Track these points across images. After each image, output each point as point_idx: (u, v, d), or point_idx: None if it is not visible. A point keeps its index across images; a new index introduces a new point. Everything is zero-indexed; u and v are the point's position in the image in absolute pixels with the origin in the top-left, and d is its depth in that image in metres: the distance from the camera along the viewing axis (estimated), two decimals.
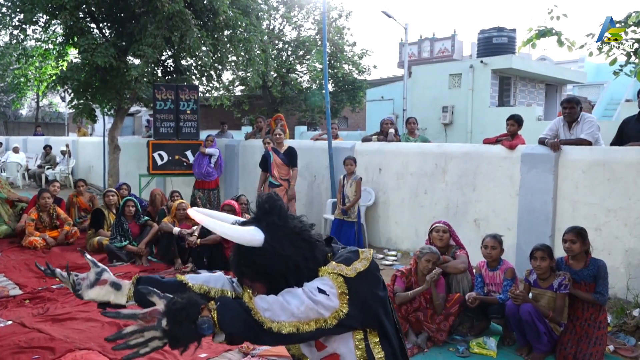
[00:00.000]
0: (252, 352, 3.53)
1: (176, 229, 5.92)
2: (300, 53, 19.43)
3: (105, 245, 6.10)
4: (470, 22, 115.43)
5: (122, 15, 9.57)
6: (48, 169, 13.85)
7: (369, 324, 1.65)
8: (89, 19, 9.62)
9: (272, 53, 16.78)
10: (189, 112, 8.81)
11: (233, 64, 11.05)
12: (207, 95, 12.77)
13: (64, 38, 9.66)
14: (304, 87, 19.78)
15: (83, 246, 6.49)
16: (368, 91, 19.13)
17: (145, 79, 9.28)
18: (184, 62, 10.52)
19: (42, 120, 30.57)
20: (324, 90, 11.50)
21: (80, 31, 9.09)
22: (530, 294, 3.68)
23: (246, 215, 6.24)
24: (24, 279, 5.14)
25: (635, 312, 4.04)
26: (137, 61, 9.18)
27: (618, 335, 3.94)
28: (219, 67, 10.72)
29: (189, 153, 8.67)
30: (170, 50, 9.94)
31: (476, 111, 14.02)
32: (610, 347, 3.67)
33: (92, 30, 9.63)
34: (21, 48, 10.01)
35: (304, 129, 19.10)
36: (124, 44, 9.48)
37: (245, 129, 17.61)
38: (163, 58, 10.39)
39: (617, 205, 4.67)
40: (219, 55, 9.95)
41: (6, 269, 5.51)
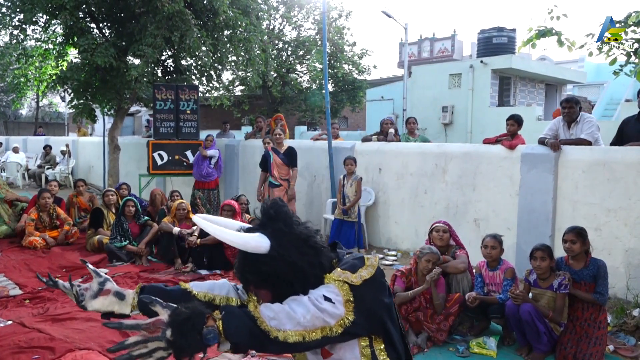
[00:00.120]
0: (252, 352, 3.53)
1: (176, 229, 5.92)
2: (300, 53, 19.44)
3: (105, 245, 6.10)
4: (470, 22, 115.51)
5: (122, 15, 9.56)
6: (48, 169, 13.84)
7: (375, 331, 1.65)
8: (88, 19, 9.62)
9: (272, 53, 16.78)
10: (189, 112, 8.81)
11: (233, 64, 11.05)
12: (207, 95, 12.77)
13: (64, 38, 9.65)
14: (304, 87, 19.79)
15: (83, 247, 6.50)
16: (368, 91, 19.14)
17: (145, 79, 9.28)
18: (184, 62, 10.52)
19: (42, 120, 30.58)
20: (324, 90, 11.51)
21: (80, 31, 9.08)
22: (530, 294, 3.68)
23: (246, 215, 6.24)
24: (24, 279, 5.14)
25: (635, 312, 4.03)
26: (137, 61, 9.17)
27: (618, 335, 3.93)
28: (219, 67, 10.72)
29: (189, 153, 8.68)
30: (170, 50, 9.94)
31: (476, 111, 14.02)
32: (610, 347, 3.67)
33: (92, 30, 9.62)
34: (21, 48, 10.00)
35: (304, 129, 19.10)
36: (124, 44, 9.47)
37: (245, 129, 17.61)
38: (163, 58, 10.39)
39: (617, 205, 4.67)
40: (219, 55, 9.95)
41: (6, 269, 5.51)
